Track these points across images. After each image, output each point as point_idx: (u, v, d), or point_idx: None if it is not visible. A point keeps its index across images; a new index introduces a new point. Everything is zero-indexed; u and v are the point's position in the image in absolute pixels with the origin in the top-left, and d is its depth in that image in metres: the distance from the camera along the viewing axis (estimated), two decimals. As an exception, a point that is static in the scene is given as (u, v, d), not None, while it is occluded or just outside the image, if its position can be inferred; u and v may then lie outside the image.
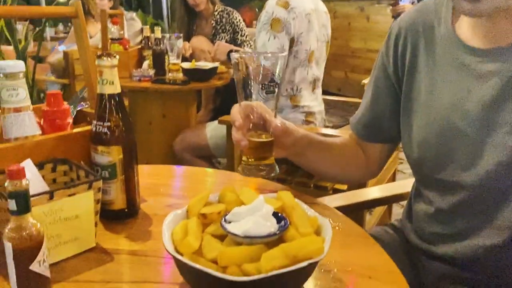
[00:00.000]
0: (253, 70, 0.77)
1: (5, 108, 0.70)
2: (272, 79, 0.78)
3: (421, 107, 0.82)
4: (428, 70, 0.81)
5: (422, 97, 0.82)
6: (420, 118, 0.82)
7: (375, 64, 0.94)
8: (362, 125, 0.95)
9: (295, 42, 1.93)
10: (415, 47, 0.83)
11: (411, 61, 0.83)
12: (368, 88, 0.95)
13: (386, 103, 0.90)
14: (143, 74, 2.21)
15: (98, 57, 0.71)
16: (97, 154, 0.74)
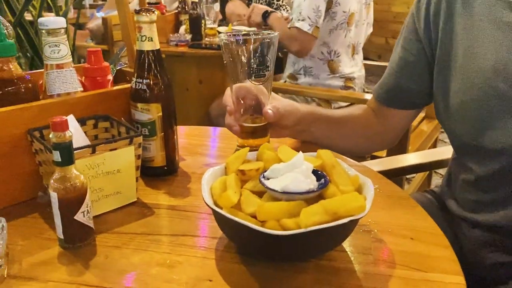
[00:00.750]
0: (241, 52, 0.74)
1: (48, 65, 0.71)
2: (262, 62, 0.74)
3: (459, 70, 0.77)
4: (466, 31, 0.75)
5: (459, 60, 0.76)
6: (458, 82, 0.77)
7: (404, 25, 0.89)
8: (386, 90, 0.92)
9: (333, 3, 1.86)
10: (450, 7, 0.77)
11: (445, 22, 0.78)
12: (395, 51, 0.91)
13: (415, 67, 0.86)
14: (180, 39, 2.20)
15: (137, 12, 0.70)
16: (137, 111, 0.74)
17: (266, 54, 0.74)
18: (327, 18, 1.91)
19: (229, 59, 0.75)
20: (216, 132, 1.03)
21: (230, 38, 0.74)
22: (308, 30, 1.86)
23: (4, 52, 0.66)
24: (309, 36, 1.88)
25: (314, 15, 1.85)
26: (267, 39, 0.74)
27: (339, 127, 0.94)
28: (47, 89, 0.72)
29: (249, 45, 0.74)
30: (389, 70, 0.92)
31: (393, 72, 0.90)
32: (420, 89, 0.87)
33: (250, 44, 0.74)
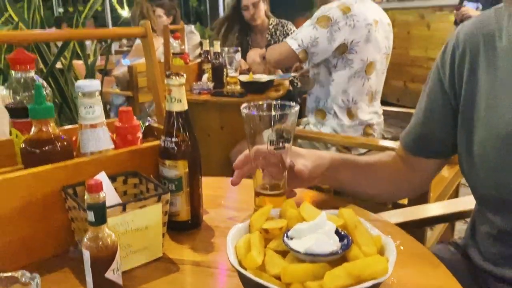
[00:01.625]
0: (261, 124, 0.77)
1: (82, 124, 0.75)
2: (282, 135, 0.77)
3: (482, 121, 0.78)
4: (488, 84, 0.77)
5: (482, 111, 0.78)
6: (481, 133, 0.78)
7: (429, 76, 0.91)
8: (412, 139, 0.93)
9: (347, 49, 1.91)
10: (474, 60, 0.80)
11: (469, 74, 0.80)
12: (421, 100, 0.92)
13: (440, 117, 0.87)
14: (202, 87, 2.28)
15: (167, 76, 0.75)
16: (165, 168, 0.77)
17: (286, 127, 0.77)
18: (344, 64, 1.96)
19: (250, 130, 0.78)
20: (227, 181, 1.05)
21: (251, 111, 0.78)
22: (295, 49, 1.92)
23: (44, 114, 0.71)
24: (293, 54, 1.94)
25: (308, 41, 1.90)
26: (287, 112, 0.77)
27: (367, 173, 0.94)
28: (81, 147, 0.76)
29: (270, 118, 0.77)
30: (416, 119, 0.93)
31: (420, 122, 0.91)
32: (447, 139, 0.87)
33: (271, 117, 0.77)
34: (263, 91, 2.38)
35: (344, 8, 1.89)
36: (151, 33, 0.90)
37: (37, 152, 0.71)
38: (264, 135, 0.78)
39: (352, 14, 1.88)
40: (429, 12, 4.78)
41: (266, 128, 0.77)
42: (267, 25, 3.06)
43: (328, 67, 1.99)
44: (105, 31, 0.89)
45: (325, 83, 2.03)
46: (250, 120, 0.79)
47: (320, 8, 1.97)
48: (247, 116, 0.79)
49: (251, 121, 0.79)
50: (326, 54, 1.93)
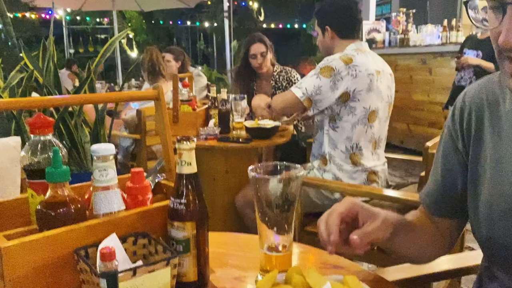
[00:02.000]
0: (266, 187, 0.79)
1: (96, 187, 0.78)
2: (287, 199, 0.79)
3: (488, 181, 0.81)
4: (493, 145, 0.80)
5: (487, 172, 0.81)
6: (486, 193, 0.81)
7: (441, 137, 0.94)
8: (434, 201, 0.93)
9: (350, 97, 1.97)
10: (479, 122, 0.83)
11: (476, 135, 0.84)
12: (437, 162, 0.94)
13: (457, 177, 0.88)
14: (209, 133, 2.33)
15: (178, 141, 0.78)
16: (173, 228, 0.80)
17: (291, 191, 0.79)
18: (347, 112, 2.00)
19: (256, 193, 0.81)
20: (245, 239, 1.07)
21: (257, 175, 0.80)
22: (300, 97, 1.98)
23: (60, 178, 0.74)
24: (298, 102, 2.00)
25: (312, 90, 1.97)
26: (293, 177, 0.80)
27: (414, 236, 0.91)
28: (94, 208, 0.79)
29: (275, 182, 0.80)
30: (434, 180, 0.94)
31: (439, 183, 0.92)
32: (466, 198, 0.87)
33: (276, 181, 0.80)
34: (268, 137, 2.42)
35: (346, 59, 1.96)
36: (164, 96, 0.95)
37: (52, 214, 0.74)
38: (270, 199, 0.81)
39: (354, 65, 1.95)
40: (431, 58, 4.90)
41: (272, 192, 0.80)
42: (272, 72, 3.15)
43: (332, 114, 2.04)
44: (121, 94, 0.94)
45: (328, 130, 2.07)
46: (256, 183, 0.82)
47: (323, 60, 2.04)
48: (253, 178, 0.82)
49: (257, 184, 0.82)
50: (329, 101, 1.98)
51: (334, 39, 2.14)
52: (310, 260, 0.99)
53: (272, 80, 3.15)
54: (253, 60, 3.07)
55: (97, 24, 10.58)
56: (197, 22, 10.60)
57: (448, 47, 4.76)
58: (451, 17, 5.40)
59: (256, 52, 3.04)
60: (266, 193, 0.80)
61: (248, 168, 0.83)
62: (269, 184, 0.80)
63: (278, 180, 0.80)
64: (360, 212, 0.78)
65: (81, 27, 10.55)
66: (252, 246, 1.02)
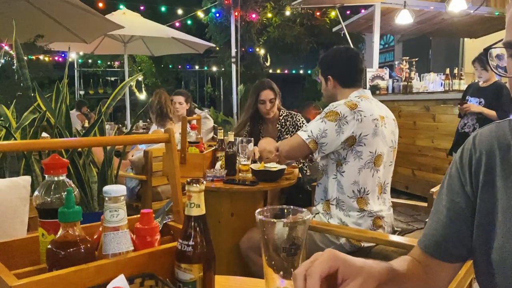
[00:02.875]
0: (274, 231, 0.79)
1: (106, 227, 0.80)
2: (294, 242, 0.79)
3: (499, 226, 0.80)
4: (505, 192, 0.80)
5: (499, 218, 0.80)
6: (499, 239, 0.80)
7: (446, 177, 0.92)
8: (434, 241, 0.91)
9: (356, 141, 1.99)
10: (490, 167, 0.83)
11: (485, 179, 0.83)
12: (440, 202, 0.92)
13: (463, 218, 0.87)
14: (215, 175, 2.35)
15: (188, 183, 0.81)
16: (180, 270, 0.80)
17: (298, 235, 0.80)
18: (354, 156, 2.03)
19: (263, 236, 0.82)
20: (249, 284, 1.07)
21: (264, 218, 0.82)
22: (305, 139, 2.01)
23: (73, 217, 0.76)
24: (304, 144, 2.02)
25: (317, 132, 2.00)
26: (300, 221, 0.81)
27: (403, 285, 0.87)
28: (103, 248, 0.80)
29: (282, 226, 0.81)
30: (436, 221, 0.91)
31: (441, 224, 0.90)
32: (468, 241, 0.87)
33: (283, 225, 0.80)
34: (274, 180, 2.43)
35: (351, 105, 2.01)
36: (175, 139, 0.98)
37: (63, 254, 0.75)
38: (277, 240, 0.82)
39: (359, 110, 1.99)
40: (434, 104, 4.97)
41: (279, 236, 0.81)
42: (278, 116, 3.22)
43: (338, 159, 2.07)
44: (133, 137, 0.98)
45: (335, 175, 2.09)
46: (263, 226, 0.83)
47: (329, 105, 2.09)
48: (260, 221, 0.83)
49: (265, 227, 0.83)
50: (335, 145, 2.01)
51: (336, 88, 2.20)
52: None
53: (278, 124, 3.21)
54: (261, 106, 3.14)
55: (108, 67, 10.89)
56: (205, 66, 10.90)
57: (451, 94, 4.84)
58: (453, 66, 5.54)
59: (265, 98, 3.13)
60: (272, 237, 0.81)
61: (256, 212, 0.85)
62: (276, 227, 0.81)
63: (285, 223, 0.81)
64: (340, 268, 0.72)
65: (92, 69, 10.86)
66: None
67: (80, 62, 10.16)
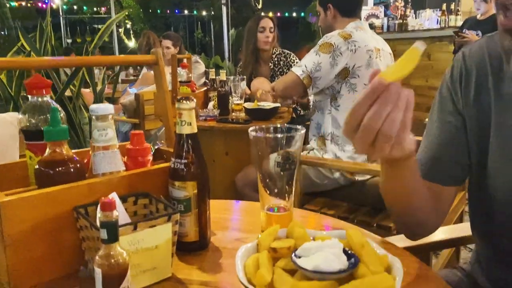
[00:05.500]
0: (268, 147, 0.78)
1: (95, 146, 0.78)
2: (288, 157, 0.78)
3: (492, 150, 0.79)
4: (496, 109, 0.79)
5: (492, 139, 0.79)
6: (490, 159, 0.80)
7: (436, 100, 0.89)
8: (429, 166, 0.87)
9: (350, 73, 1.96)
10: (481, 82, 0.81)
11: (476, 98, 0.81)
12: (432, 126, 0.89)
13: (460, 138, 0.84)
14: (208, 114, 2.32)
15: (178, 100, 0.78)
16: (174, 188, 0.79)
17: (291, 149, 0.79)
18: (348, 89, 1.99)
19: (257, 153, 0.80)
20: (243, 206, 1.07)
21: (258, 134, 0.80)
22: (299, 75, 1.98)
23: (59, 136, 0.73)
24: (298, 81, 1.99)
25: (311, 66, 1.97)
26: (294, 135, 0.79)
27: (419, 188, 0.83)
28: (93, 168, 0.78)
29: (277, 141, 0.79)
30: (429, 144, 0.88)
31: (434, 147, 0.87)
32: (463, 161, 0.84)
33: (278, 139, 0.79)
34: (267, 118, 2.41)
35: (345, 35, 1.96)
36: (162, 60, 0.94)
37: (51, 173, 0.73)
38: (271, 157, 0.80)
39: (353, 40, 1.94)
40: (429, 42, 4.86)
41: (273, 151, 0.79)
42: (271, 55, 3.13)
43: (332, 93, 2.03)
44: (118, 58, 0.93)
45: (330, 110, 2.06)
46: (257, 143, 0.81)
47: (323, 37, 2.03)
48: (254, 138, 0.81)
49: (258, 144, 0.81)
50: (328, 79, 1.97)
51: (336, 18, 2.13)
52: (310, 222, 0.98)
53: (270, 63, 3.14)
54: (261, 34, 3.05)
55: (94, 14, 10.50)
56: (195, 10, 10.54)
57: (447, 31, 4.73)
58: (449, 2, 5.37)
59: (266, 25, 3.04)
60: (267, 151, 0.80)
61: (249, 129, 0.83)
62: (270, 141, 0.79)
63: (279, 138, 0.80)
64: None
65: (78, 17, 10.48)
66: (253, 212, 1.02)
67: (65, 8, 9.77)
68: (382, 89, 0.59)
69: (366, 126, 0.60)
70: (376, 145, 0.61)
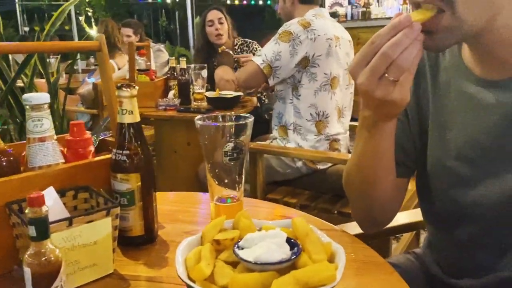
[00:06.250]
0: (216, 136, 0.77)
1: (30, 138, 0.73)
2: (236, 146, 0.77)
3: (430, 138, 0.80)
4: (433, 100, 0.80)
5: (430, 127, 0.80)
6: (431, 149, 0.81)
7: None
8: None
9: (310, 62, 1.95)
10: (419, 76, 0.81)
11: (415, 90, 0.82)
12: None
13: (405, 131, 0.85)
14: (168, 104, 2.26)
15: (118, 88, 0.74)
16: (117, 181, 0.76)
17: (240, 138, 0.77)
18: (309, 78, 1.99)
19: (205, 141, 0.78)
20: (201, 197, 1.04)
21: (205, 122, 0.78)
22: (260, 64, 1.97)
23: (-13, 128, 0.68)
24: (259, 71, 1.98)
25: (271, 56, 1.95)
26: (242, 124, 0.77)
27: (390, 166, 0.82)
28: (29, 161, 0.74)
29: (224, 130, 0.77)
30: None
31: None
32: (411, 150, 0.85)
33: (225, 128, 0.77)
34: (230, 107, 2.38)
35: (304, 23, 1.94)
36: (106, 46, 0.89)
37: (-20, 167, 0.68)
38: (219, 147, 0.78)
39: (312, 28, 1.93)
40: (392, 30, 4.93)
41: (221, 140, 0.77)
42: (232, 45, 3.09)
43: (293, 83, 2.02)
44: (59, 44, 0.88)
45: (292, 99, 2.05)
46: (205, 132, 0.79)
47: (282, 26, 2.01)
48: (201, 127, 0.79)
49: (206, 133, 0.79)
50: (289, 68, 1.96)
51: (294, 4, 2.11)
52: (263, 212, 0.97)
53: (234, 53, 3.09)
54: (210, 28, 2.98)
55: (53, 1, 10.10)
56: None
57: (409, 19, 4.80)
58: (411, -10, 5.44)
59: (213, 17, 2.97)
60: (214, 141, 0.77)
61: (196, 118, 0.80)
62: (218, 130, 0.77)
63: (227, 126, 0.77)
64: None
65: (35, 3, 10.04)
66: (205, 202, 0.99)
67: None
68: (407, 25, 0.62)
69: (384, 53, 0.61)
70: (383, 80, 0.63)
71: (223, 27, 2.99)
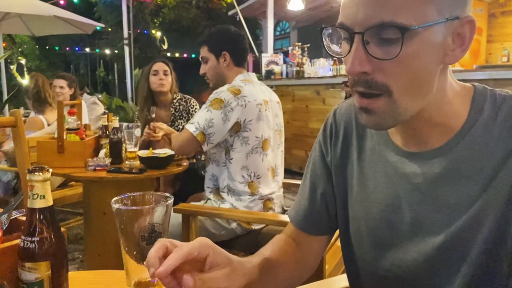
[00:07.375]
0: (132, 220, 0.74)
1: None
2: (153, 230, 0.75)
3: (354, 199, 0.84)
4: (358, 163, 0.84)
5: (354, 189, 0.84)
6: (353, 210, 0.84)
7: (311, 153, 0.94)
8: (304, 216, 0.91)
9: (241, 127, 2.00)
10: (346, 139, 0.86)
11: (342, 152, 0.86)
12: (306, 177, 0.94)
13: (325, 191, 0.89)
14: (98, 164, 2.19)
15: (30, 172, 0.71)
16: (24, 270, 0.71)
17: (159, 222, 0.75)
18: (241, 142, 2.03)
19: (120, 226, 0.76)
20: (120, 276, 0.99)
21: (120, 206, 0.75)
22: (193, 132, 1.98)
23: None
24: (193, 138, 1.99)
25: (203, 123, 1.98)
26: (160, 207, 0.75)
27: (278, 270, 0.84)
28: None
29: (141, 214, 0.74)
30: (303, 195, 0.93)
31: (307, 197, 0.91)
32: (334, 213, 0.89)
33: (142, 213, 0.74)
34: (163, 166, 2.34)
35: (234, 90, 2.00)
36: (22, 122, 0.86)
37: None
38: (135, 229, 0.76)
39: (242, 95, 1.99)
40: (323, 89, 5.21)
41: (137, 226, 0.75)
42: (171, 100, 3.10)
43: (226, 147, 2.05)
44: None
45: (225, 163, 2.07)
46: (120, 215, 0.77)
47: (213, 93, 2.05)
48: (117, 210, 0.76)
49: (121, 216, 0.77)
50: (222, 134, 1.99)
51: (229, 66, 2.15)
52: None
53: (172, 108, 3.10)
54: (154, 77, 2.98)
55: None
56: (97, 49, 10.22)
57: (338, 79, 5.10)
58: (341, 52, 5.82)
59: (159, 68, 2.98)
60: (130, 225, 0.75)
61: (112, 200, 0.78)
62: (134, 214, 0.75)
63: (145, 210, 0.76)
64: (210, 256, 0.69)
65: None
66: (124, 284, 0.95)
67: None
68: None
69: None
70: None
71: (167, 78, 3.02)
